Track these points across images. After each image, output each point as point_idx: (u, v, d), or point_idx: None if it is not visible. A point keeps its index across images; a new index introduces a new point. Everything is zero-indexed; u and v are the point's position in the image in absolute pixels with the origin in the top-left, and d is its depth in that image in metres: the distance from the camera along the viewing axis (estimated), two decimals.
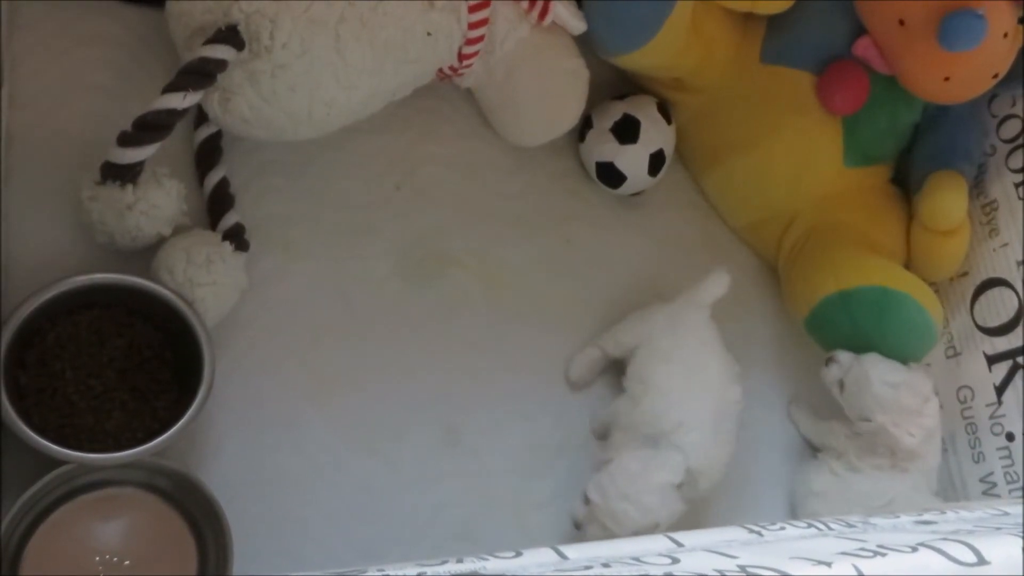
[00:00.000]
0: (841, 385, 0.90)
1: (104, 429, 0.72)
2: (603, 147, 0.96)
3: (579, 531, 0.80)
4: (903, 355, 0.94)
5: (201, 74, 0.73)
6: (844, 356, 0.90)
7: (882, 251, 0.96)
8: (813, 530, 0.55)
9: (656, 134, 0.97)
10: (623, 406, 0.85)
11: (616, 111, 0.96)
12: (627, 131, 0.96)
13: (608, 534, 0.78)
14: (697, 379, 0.84)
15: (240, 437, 0.80)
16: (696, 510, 0.91)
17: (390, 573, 0.45)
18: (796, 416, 0.99)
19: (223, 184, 0.83)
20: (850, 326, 0.90)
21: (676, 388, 0.83)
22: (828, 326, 0.92)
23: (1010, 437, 0.94)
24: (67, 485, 0.70)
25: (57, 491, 0.70)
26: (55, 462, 0.68)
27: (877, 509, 0.86)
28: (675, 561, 0.45)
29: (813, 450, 0.97)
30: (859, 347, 0.91)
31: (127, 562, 0.70)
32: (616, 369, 0.91)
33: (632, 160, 0.96)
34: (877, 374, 0.87)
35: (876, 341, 0.90)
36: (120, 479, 0.72)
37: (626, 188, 0.98)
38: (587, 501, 0.79)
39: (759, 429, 0.98)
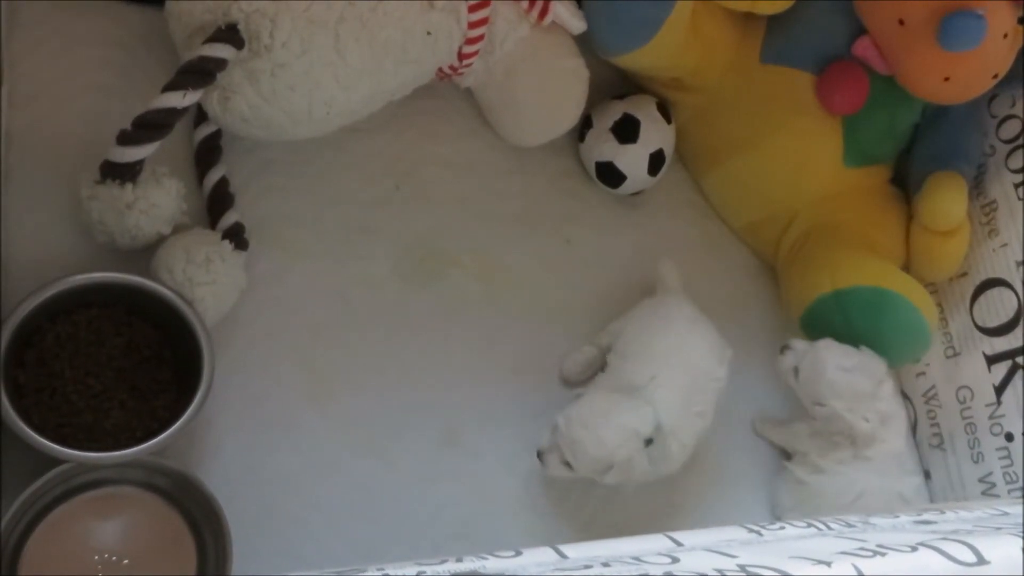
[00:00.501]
0: (796, 372, 0.89)
1: (103, 428, 0.72)
2: (603, 147, 0.96)
3: (539, 461, 0.82)
4: (897, 356, 0.94)
5: (201, 73, 0.73)
6: (799, 344, 0.90)
7: (881, 251, 0.96)
8: (813, 530, 0.55)
9: (656, 134, 0.97)
10: (600, 377, 0.86)
11: (616, 111, 0.96)
12: (627, 131, 0.96)
13: (565, 468, 0.80)
14: (678, 348, 0.84)
15: (239, 436, 0.80)
16: (694, 509, 0.91)
17: (390, 572, 0.45)
18: (762, 429, 0.97)
19: (222, 183, 0.83)
20: (843, 325, 0.90)
21: (655, 351, 0.84)
22: (822, 325, 0.92)
23: (1009, 437, 0.94)
24: (66, 484, 0.70)
25: (56, 490, 0.70)
26: (54, 461, 0.68)
27: (849, 506, 0.86)
28: (675, 560, 0.45)
29: (784, 460, 0.96)
30: (852, 345, 0.91)
31: (126, 561, 0.70)
32: None
33: (632, 160, 0.96)
34: (831, 359, 0.87)
35: (869, 341, 0.90)
36: (119, 478, 0.72)
37: (626, 188, 0.98)
38: (554, 429, 0.80)
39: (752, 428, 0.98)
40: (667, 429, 0.80)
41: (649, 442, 0.80)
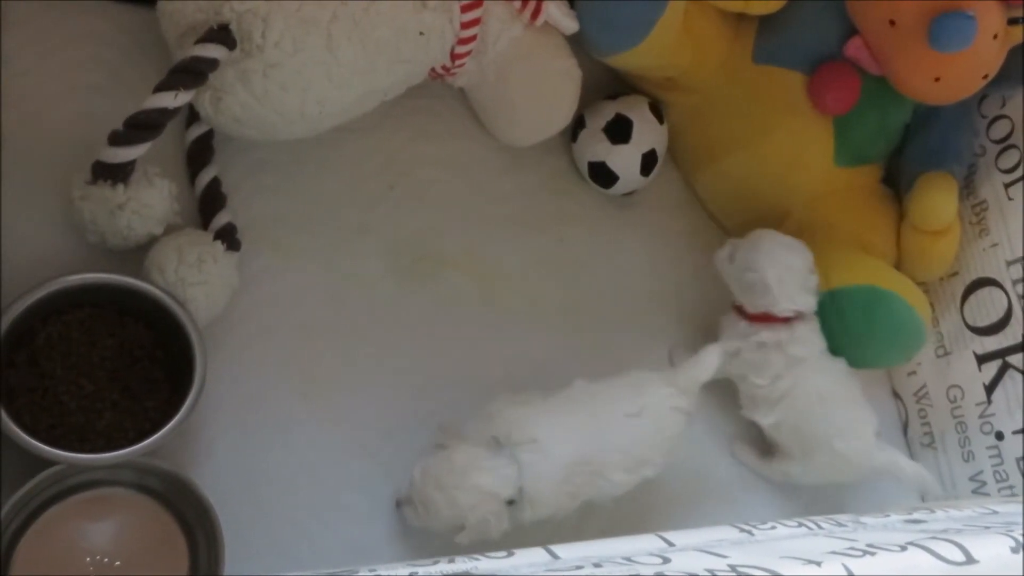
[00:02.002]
0: (732, 258, 0.91)
1: (95, 429, 0.72)
2: (595, 147, 0.97)
3: (398, 510, 0.78)
4: (892, 354, 0.94)
5: (193, 73, 0.72)
6: (736, 240, 0.92)
7: (873, 251, 0.96)
8: (803, 529, 0.55)
9: (648, 134, 0.97)
10: (496, 405, 0.79)
11: (608, 111, 0.97)
12: (619, 131, 0.96)
13: (422, 519, 0.76)
14: (592, 424, 0.77)
15: (232, 437, 0.80)
16: (687, 510, 0.91)
17: (382, 573, 0.45)
18: (741, 454, 0.96)
19: (215, 183, 0.83)
20: (839, 325, 0.91)
21: (566, 415, 0.77)
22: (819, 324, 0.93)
23: (999, 436, 0.94)
24: (58, 485, 0.70)
25: (48, 492, 0.70)
26: (46, 463, 0.68)
27: (822, 410, 0.87)
28: (666, 561, 0.45)
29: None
30: (848, 346, 0.91)
31: (118, 563, 0.70)
32: None
33: (624, 160, 0.96)
34: (769, 234, 0.90)
35: (865, 340, 0.90)
36: (111, 479, 0.72)
37: (618, 188, 0.98)
38: (412, 481, 0.76)
39: (749, 428, 0.98)
40: (528, 496, 0.74)
41: (512, 502, 0.74)
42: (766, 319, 0.89)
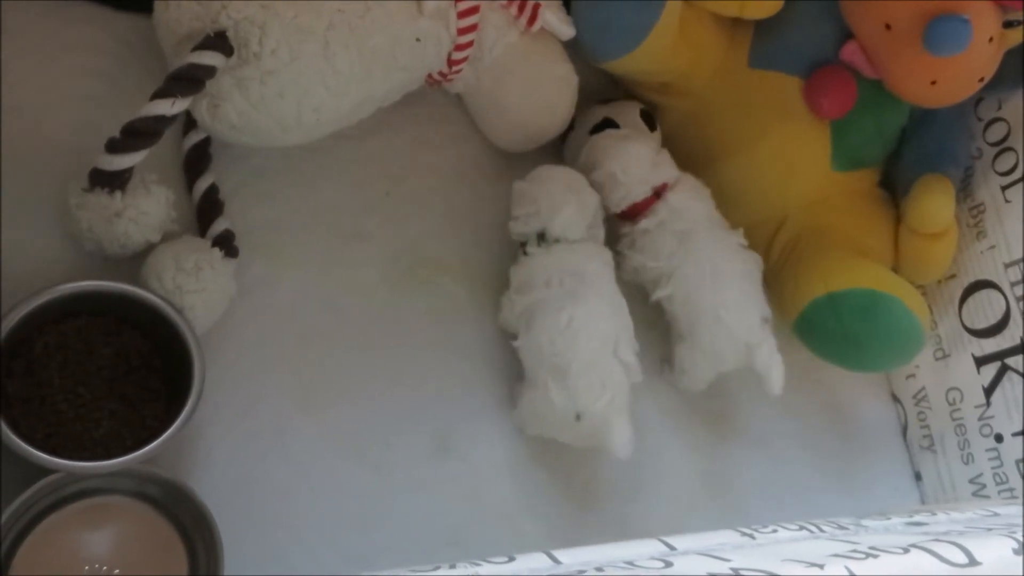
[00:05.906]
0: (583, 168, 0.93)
1: (93, 437, 0.72)
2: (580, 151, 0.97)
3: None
4: (891, 358, 0.94)
5: (190, 80, 0.72)
6: None
7: (871, 254, 0.96)
8: (805, 532, 0.55)
9: None
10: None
11: (597, 115, 0.97)
12: None
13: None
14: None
15: (230, 445, 0.79)
16: (684, 512, 0.91)
17: None
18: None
19: (212, 190, 0.83)
20: (838, 328, 0.91)
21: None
22: (816, 329, 0.93)
23: (999, 438, 0.95)
24: (55, 494, 0.70)
25: (45, 500, 0.69)
26: (43, 471, 0.68)
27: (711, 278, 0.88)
28: (668, 565, 0.45)
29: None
30: (846, 349, 0.91)
31: (116, 571, 0.70)
32: None
33: None
34: (603, 134, 0.93)
35: (863, 344, 0.90)
36: (109, 488, 0.71)
37: None
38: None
39: (746, 432, 0.98)
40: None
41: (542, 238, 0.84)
42: (635, 209, 0.90)
